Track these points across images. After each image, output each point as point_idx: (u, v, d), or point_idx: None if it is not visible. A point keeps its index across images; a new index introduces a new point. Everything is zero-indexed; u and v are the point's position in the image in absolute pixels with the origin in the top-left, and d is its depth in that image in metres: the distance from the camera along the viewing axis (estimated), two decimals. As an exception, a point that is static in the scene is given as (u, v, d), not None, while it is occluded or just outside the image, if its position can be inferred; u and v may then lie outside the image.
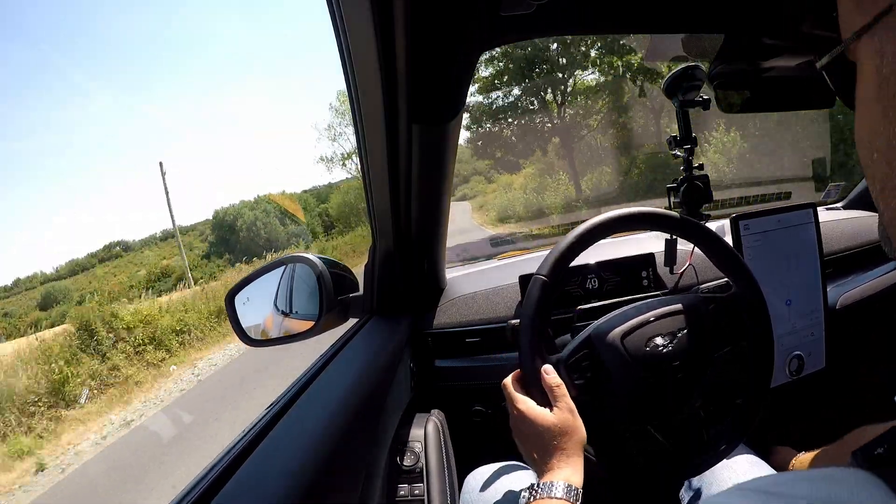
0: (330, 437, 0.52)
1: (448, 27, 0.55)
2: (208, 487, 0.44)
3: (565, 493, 0.50)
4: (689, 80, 0.85)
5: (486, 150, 17.49)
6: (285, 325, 1.00)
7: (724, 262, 0.66)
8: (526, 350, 0.59)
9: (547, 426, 0.55)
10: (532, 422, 0.56)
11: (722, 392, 0.62)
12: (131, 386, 7.20)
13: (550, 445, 0.54)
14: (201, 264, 14.78)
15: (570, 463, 0.53)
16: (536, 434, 0.55)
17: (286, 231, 17.61)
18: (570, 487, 0.50)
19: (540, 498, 0.50)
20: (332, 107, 26.39)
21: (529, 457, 0.57)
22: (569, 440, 0.54)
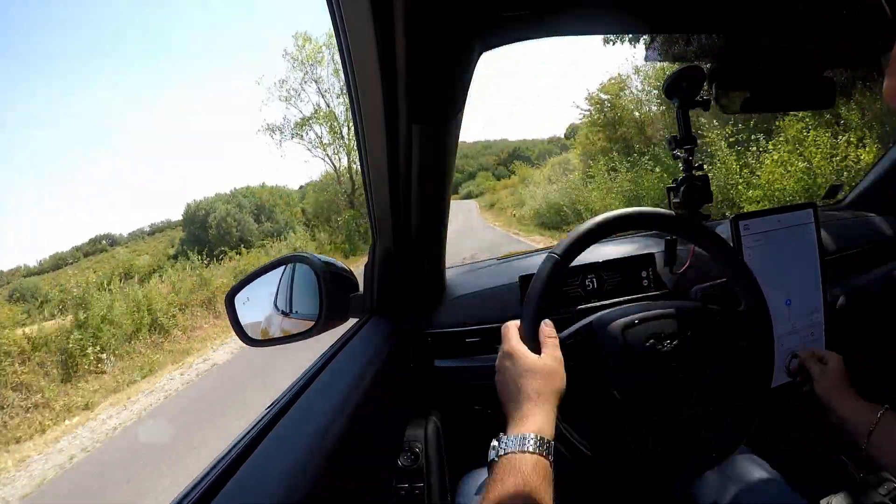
0: (330, 437, 0.52)
1: (448, 27, 0.54)
2: (208, 487, 0.44)
3: (537, 447, 0.48)
4: (689, 80, 0.85)
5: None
6: (285, 325, 1.01)
7: (739, 278, 0.66)
8: (533, 303, 0.59)
9: (530, 365, 0.55)
10: (518, 359, 0.56)
11: (721, 393, 0.62)
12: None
13: (529, 386, 0.54)
14: (168, 265, 12.69)
15: (545, 410, 0.52)
16: (518, 372, 0.55)
17: (260, 229, 15.50)
18: (542, 440, 0.49)
19: (511, 452, 0.49)
20: (286, 54, 19.85)
21: (505, 395, 0.56)
22: (548, 384, 0.54)
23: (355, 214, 16.37)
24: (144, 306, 8.03)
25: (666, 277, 1.07)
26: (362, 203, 16.18)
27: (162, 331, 7.93)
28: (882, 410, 0.62)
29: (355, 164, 18.04)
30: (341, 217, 16.90)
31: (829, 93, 0.88)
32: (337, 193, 18.74)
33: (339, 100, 18.31)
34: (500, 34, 0.62)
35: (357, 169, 17.02)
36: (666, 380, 0.59)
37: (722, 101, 0.84)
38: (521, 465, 0.48)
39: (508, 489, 0.46)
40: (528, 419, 0.51)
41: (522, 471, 0.47)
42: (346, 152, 18.83)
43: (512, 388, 0.55)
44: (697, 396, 0.61)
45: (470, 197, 32.22)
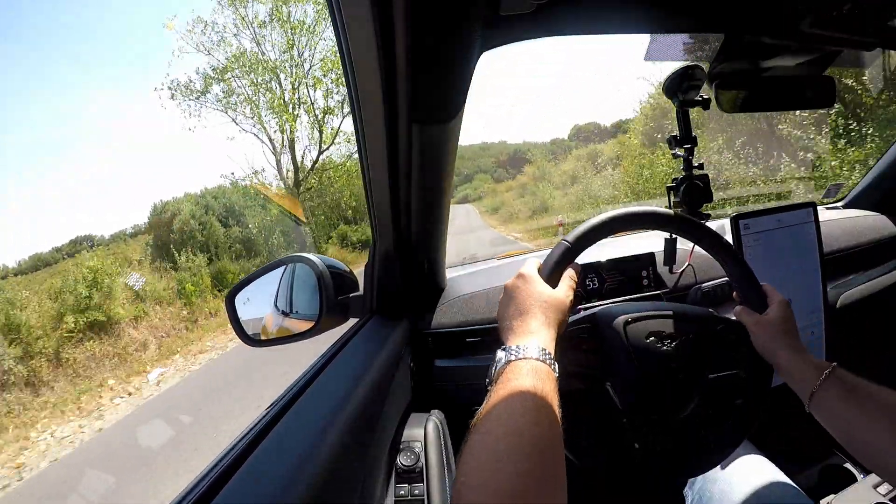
0: (330, 436, 0.52)
1: (448, 27, 0.54)
2: (209, 487, 0.44)
3: (538, 354, 0.47)
4: (689, 80, 0.85)
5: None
6: (285, 325, 1.01)
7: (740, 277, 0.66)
8: (559, 252, 0.61)
9: (543, 291, 0.55)
10: (532, 283, 0.57)
11: (721, 393, 0.62)
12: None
13: (538, 308, 0.53)
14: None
15: (548, 333, 0.51)
16: (531, 293, 0.55)
17: (227, 234, 12.07)
18: (546, 351, 0.48)
19: (523, 358, 0.47)
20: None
21: (507, 312, 0.56)
22: (554, 310, 0.54)
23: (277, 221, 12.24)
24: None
25: (666, 277, 1.07)
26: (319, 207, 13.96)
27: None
28: (828, 370, 0.56)
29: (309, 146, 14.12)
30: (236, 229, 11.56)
31: (829, 92, 0.88)
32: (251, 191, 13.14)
33: (287, 56, 13.34)
34: (500, 34, 0.62)
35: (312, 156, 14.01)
36: (665, 379, 0.59)
37: (722, 101, 0.84)
38: (525, 367, 0.46)
39: (511, 389, 0.44)
40: (533, 335, 0.50)
41: (526, 371, 0.45)
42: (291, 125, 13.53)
43: (519, 306, 0.55)
44: (697, 396, 0.61)
45: (467, 201, 29.33)
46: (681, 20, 0.72)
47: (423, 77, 0.59)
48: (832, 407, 0.56)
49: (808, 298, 0.99)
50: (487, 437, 0.40)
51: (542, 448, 0.39)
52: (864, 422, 0.53)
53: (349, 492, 0.56)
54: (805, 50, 0.80)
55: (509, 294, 0.58)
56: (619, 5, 0.66)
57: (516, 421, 0.41)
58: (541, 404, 0.42)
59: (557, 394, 0.45)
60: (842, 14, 0.65)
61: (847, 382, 0.56)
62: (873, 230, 1.26)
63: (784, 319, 0.62)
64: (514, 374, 0.45)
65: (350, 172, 13.92)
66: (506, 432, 0.40)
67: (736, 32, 0.75)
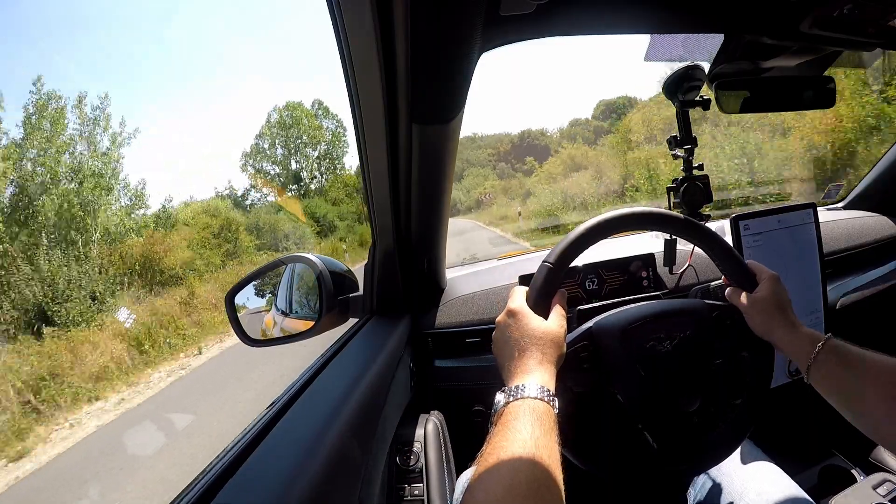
0: (330, 437, 0.52)
1: (448, 27, 0.54)
2: (208, 487, 0.44)
3: (538, 392, 0.48)
4: (689, 80, 0.85)
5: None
6: (285, 325, 1.01)
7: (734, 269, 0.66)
8: (543, 277, 0.59)
9: (535, 326, 0.54)
10: (523, 318, 0.55)
11: (721, 393, 0.62)
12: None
13: (533, 345, 0.53)
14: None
15: (546, 370, 0.51)
16: (522, 329, 0.54)
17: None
18: (545, 389, 0.48)
19: (520, 398, 0.48)
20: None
21: (503, 351, 0.55)
22: (551, 346, 0.53)
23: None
24: None
25: (666, 278, 1.07)
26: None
27: None
28: (822, 342, 0.56)
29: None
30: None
31: (829, 92, 0.88)
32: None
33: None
34: (500, 34, 0.62)
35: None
36: (667, 380, 0.59)
37: (722, 101, 0.84)
38: (532, 405, 0.46)
39: (522, 427, 0.44)
40: (531, 374, 0.50)
41: (534, 410, 0.46)
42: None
43: (512, 347, 0.54)
44: (705, 390, 0.61)
45: (457, 212, 21.90)
46: (681, 20, 0.72)
47: (423, 77, 0.59)
48: (829, 377, 0.56)
49: (808, 299, 0.99)
50: (488, 496, 0.40)
51: (539, 491, 0.40)
52: (861, 390, 0.53)
53: (349, 492, 0.56)
54: (805, 50, 0.80)
55: (502, 333, 0.57)
56: (619, 5, 0.66)
57: (513, 476, 0.41)
58: (538, 445, 0.43)
59: (556, 430, 0.46)
60: (842, 14, 0.65)
61: (842, 352, 0.56)
62: (873, 231, 1.26)
63: (775, 294, 0.61)
64: (512, 416, 0.46)
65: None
66: (504, 490, 0.40)
67: (736, 32, 0.75)
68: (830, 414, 0.58)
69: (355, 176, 25.29)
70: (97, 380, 6.07)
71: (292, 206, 22.26)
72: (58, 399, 5.48)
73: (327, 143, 27.59)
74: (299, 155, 26.86)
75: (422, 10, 0.50)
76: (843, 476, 0.97)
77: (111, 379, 6.14)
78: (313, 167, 27.16)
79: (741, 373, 0.63)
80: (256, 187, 25.36)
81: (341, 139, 27.96)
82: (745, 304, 0.62)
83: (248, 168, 26.17)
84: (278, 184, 25.92)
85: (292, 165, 26.71)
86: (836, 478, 0.97)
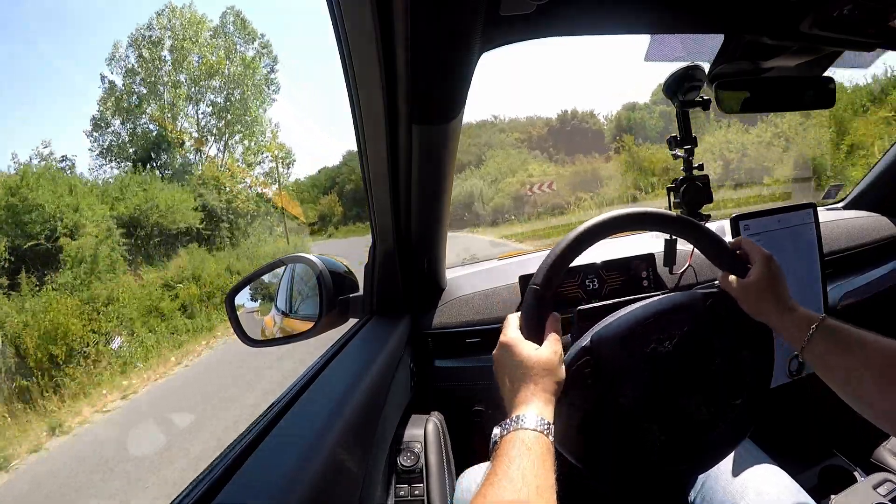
0: (330, 437, 0.52)
1: (448, 27, 0.54)
2: (209, 488, 0.44)
3: (536, 424, 0.49)
4: (689, 81, 0.85)
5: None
6: (285, 325, 1.01)
7: (708, 245, 0.65)
8: (533, 302, 0.59)
9: (529, 356, 0.55)
10: (517, 349, 0.56)
11: (721, 393, 0.62)
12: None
13: (527, 376, 0.54)
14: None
15: (544, 399, 0.52)
16: (517, 362, 0.55)
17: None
18: (542, 419, 0.50)
19: (511, 430, 0.49)
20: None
21: (504, 384, 0.56)
22: (547, 375, 0.54)
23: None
24: None
25: (666, 278, 1.07)
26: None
27: None
28: (816, 323, 0.57)
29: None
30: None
31: (830, 93, 0.88)
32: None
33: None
34: (500, 34, 0.62)
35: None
36: (668, 381, 0.59)
37: (722, 101, 0.84)
38: (523, 438, 0.48)
39: (511, 462, 0.46)
40: (527, 405, 0.51)
41: (525, 443, 0.47)
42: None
43: (509, 380, 0.55)
44: (699, 396, 0.61)
45: (463, 224, 15.38)
46: (681, 20, 0.72)
47: (423, 77, 0.59)
48: (824, 358, 0.56)
49: (808, 299, 0.99)
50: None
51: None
52: (854, 373, 0.54)
53: (349, 492, 0.56)
54: (805, 50, 0.80)
55: (499, 366, 0.58)
56: (619, 6, 0.66)
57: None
58: (525, 476, 0.45)
59: (549, 458, 0.47)
60: (842, 14, 0.65)
61: (837, 333, 0.56)
62: (873, 231, 1.26)
63: (768, 276, 0.61)
64: (504, 449, 0.48)
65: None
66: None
67: (736, 32, 0.75)
68: (831, 414, 0.58)
69: (281, 150, 17.36)
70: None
71: (288, 204, 17.36)
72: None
73: (232, 80, 16.38)
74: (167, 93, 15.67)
75: (422, 10, 0.50)
76: (843, 476, 0.97)
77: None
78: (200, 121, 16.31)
79: (741, 373, 0.63)
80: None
81: (257, 74, 16.83)
82: (737, 289, 0.62)
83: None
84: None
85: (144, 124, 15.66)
86: (837, 478, 0.97)
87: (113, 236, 9.91)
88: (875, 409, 0.52)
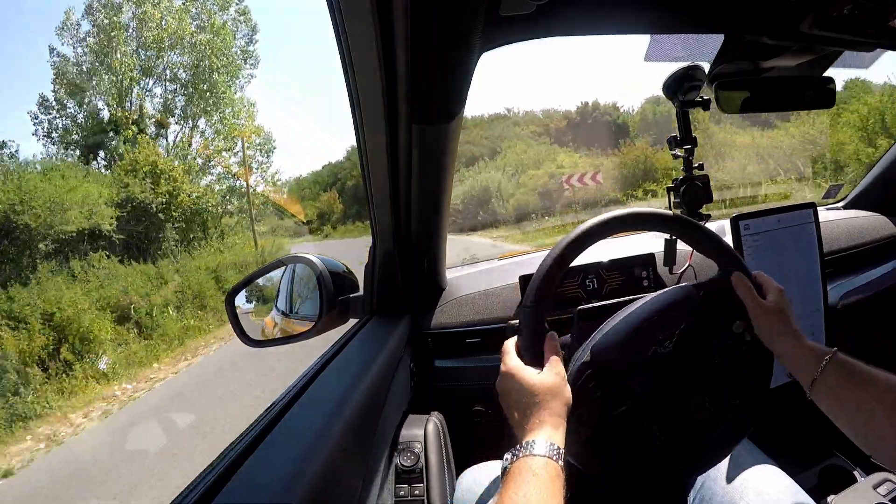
0: (330, 437, 0.52)
1: (448, 28, 0.55)
2: (209, 487, 0.44)
3: (547, 450, 0.49)
4: (689, 81, 0.85)
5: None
6: (285, 325, 1.01)
7: (700, 243, 0.65)
8: (528, 323, 0.58)
9: (533, 383, 0.55)
10: (520, 377, 0.56)
11: (721, 393, 0.62)
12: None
13: (534, 402, 0.53)
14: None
15: (552, 423, 0.52)
16: (522, 390, 0.55)
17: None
18: (552, 445, 0.50)
19: (522, 457, 0.49)
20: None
21: (511, 414, 0.56)
22: (554, 399, 0.54)
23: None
24: None
25: (666, 278, 1.07)
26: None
27: None
28: (828, 357, 0.56)
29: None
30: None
31: (829, 93, 0.88)
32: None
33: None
34: (500, 34, 0.62)
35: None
36: (668, 381, 0.59)
37: (722, 101, 0.84)
38: (531, 464, 0.48)
39: (518, 489, 0.46)
40: (537, 430, 0.51)
41: (532, 470, 0.47)
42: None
43: (516, 409, 0.55)
44: (699, 395, 0.61)
45: (473, 226, 12.83)
46: (681, 20, 0.72)
47: (423, 77, 0.59)
48: (833, 394, 0.55)
49: (808, 299, 0.99)
50: None
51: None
52: (866, 408, 0.53)
53: (349, 492, 0.56)
54: (805, 50, 0.80)
55: (504, 396, 0.58)
56: (619, 6, 0.66)
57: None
58: (537, 500, 0.45)
59: (558, 483, 0.48)
60: (842, 14, 0.65)
61: (848, 368, 0.55)
62: (873, 230, 1.26)
63: (784, 305, 0.61)
64: (512, 476, 0.48)
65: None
66: None
67: (736, 32, 0.75)
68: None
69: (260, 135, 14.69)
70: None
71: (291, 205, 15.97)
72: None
73: (197, 50, 13.43)
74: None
75: (422, 10, 0.50)
76: (843, 476, 0.97)
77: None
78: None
79: (741, 373, 0.63)
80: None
81: (229, 45, 13.98)
82: (752, 304, 0.61)
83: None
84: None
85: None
86: (837, 478, 0.97)
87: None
88: (887, 442, 0.52)
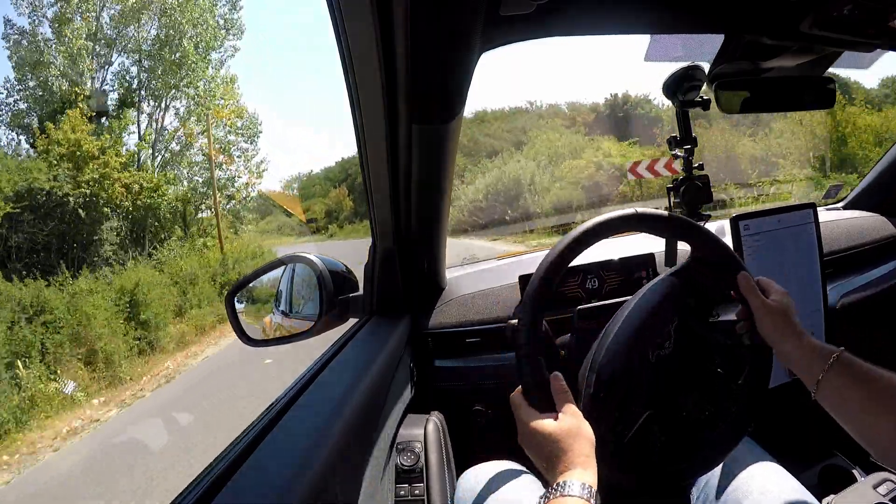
0: (330, 437, 0.52)
1: (448, 27, 0.55)
2: (209, 487, 0.44)
3: (580, 491, 0.49)
4: (689, 80, 0.85)
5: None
6: (285, 324, 1.01)
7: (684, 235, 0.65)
8: (525, 361, 0.58)
9: (552, 430, 0.55)
10: (539, 430, 0.56)
11: (721, 393, 0.62)
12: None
13: (559, 449, 0.53)
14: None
15: (581, 463, 0.52)
16: (544, 441, 0.55)
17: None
18: (584, 485, 0.50)
19: (554, 498, 0.49)
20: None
21: (541, 465, 0.56)
22: (576, 441, 0.54)
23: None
24: None
25: None
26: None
27: None
28: (834, 356, 0.55)
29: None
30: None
31: (829, 93, 0.88)
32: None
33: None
34: (500, 34, 0.62)
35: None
36: (668, 381, 0.59)
37: (722, 102, 0.84)
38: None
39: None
40: (569, 472, 0.51)
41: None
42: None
43: (542, 459, 0.55)
44: (699, 394, 0.61)
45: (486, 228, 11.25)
46: (681, 20, 0.72)
47: (423, 77, 0.59)
48: (839, 394, 0.55)
49: (808, 299, 0.99)
50: None
51: None
52: (871, 409, 0.53)
53: (349, 492, 0.56)
54: (805, 50, 0.80)
55: (528, 447, 0.58)
56: (620, 6, 0.66)
57: None
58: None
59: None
60: (842, 14, 0.65)
61: (853, 368, 0.55)
62: (873, 231, 1.26)
63: (788, 305, 0.61)
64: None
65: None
66: None
67: (736, 32, 0.75)
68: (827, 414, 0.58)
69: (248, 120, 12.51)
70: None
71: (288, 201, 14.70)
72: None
73: (166, 15, 11.20)
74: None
75: (422, 10, 0.50)
76: (843, 476, 0.97)
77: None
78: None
79: (741, 372, 0.63)
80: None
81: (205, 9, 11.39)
82: (757, 304, 0.61)
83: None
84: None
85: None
86: (837, 477, 0.97)
87: None
88: (892, 443, 0.52)
